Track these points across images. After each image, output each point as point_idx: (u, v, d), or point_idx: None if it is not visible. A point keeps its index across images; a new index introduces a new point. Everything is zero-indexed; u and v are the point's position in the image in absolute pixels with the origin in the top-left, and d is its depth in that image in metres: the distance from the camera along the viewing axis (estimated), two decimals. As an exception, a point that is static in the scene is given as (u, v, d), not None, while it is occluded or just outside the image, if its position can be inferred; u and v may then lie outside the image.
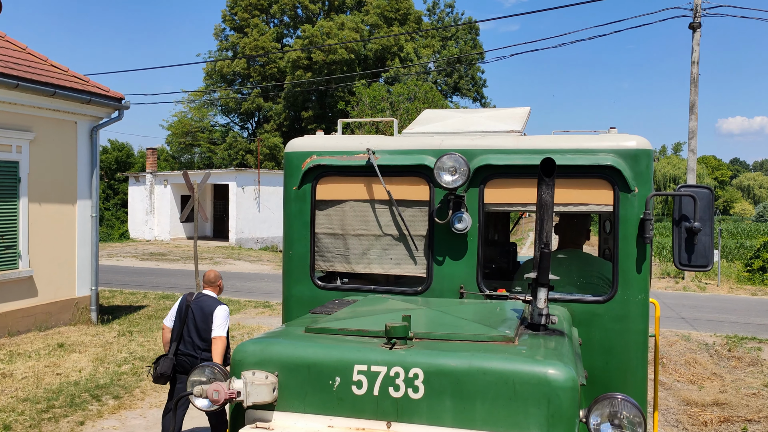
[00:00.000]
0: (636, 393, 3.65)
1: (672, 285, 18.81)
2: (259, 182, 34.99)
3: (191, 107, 56.37)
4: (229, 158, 52.89)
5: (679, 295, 17.27)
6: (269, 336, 2.97)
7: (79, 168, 12.07)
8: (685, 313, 14.20)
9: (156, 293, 16.45)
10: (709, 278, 19.69)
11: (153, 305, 14.86)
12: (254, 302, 15.13)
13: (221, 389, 2.53)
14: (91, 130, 12.28)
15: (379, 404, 2.56)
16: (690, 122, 19.07)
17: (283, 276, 4.38)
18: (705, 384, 9.48)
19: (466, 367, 2.51)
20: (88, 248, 12.28)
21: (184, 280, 19.32)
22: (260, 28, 53.38)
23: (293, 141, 4.32)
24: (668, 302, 15.77)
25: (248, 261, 26.78)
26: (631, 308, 3.69)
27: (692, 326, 12.86)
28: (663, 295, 17.03)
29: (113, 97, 12.33)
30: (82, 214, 12.14)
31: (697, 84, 18.94)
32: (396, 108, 39.27)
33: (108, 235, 37.75)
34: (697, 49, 18.94)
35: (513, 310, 3.43)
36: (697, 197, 3.69)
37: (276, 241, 36.42)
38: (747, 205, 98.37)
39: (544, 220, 2.88)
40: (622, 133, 3.83)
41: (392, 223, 4.05)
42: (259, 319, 13.14)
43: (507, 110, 4.79)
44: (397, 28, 52.67)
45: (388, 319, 2.88)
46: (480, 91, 56.90)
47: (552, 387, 2.42)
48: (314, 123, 51.90)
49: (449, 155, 3.66)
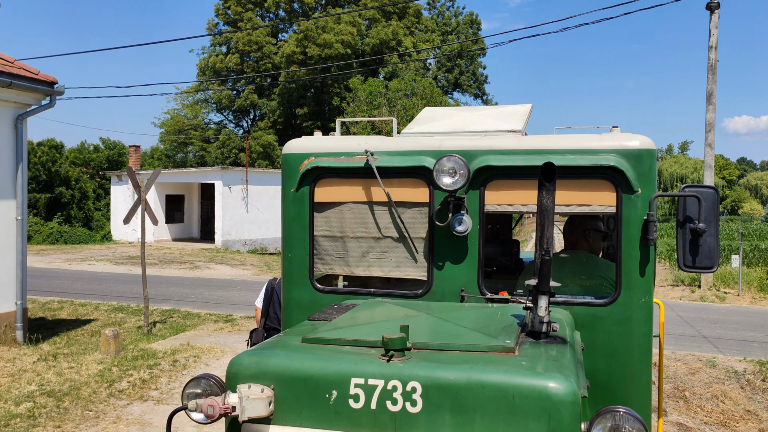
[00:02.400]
0: (640, 397, 3.60)
1: (687, 294, 16.96)
2: (246, 181, 33.26)
3: (184, 105, 54.84)
4: (222, 157, 51.31)
5: (697, 306, 15.43)
6: (265, 347, 2.92)
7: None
8: (706, 330, 12.39)
9: (111, 304, 14.73)
10: (729, 286, 17.84)
11: (103, 319, 13.15)
12: (216, 316, 13.39)
13: (216, 404, 2.52)
14: (16, 118, 10.56)
15: (376, 418, 2.52)
16: (707, 113, 17.24)
17: (282, 280, 4.30)
18: (738, 426, 7.71)
19: (465, 380, 2.47)
20: (11, 256, 10.54)
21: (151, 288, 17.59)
22: (254, 22, 51.69)
23: (291, 142, 4.22)
24: (685, 316, 13.95)
25: (230, 265, 25.07)
26: (635, 311, 3.63)
27: (716, 347, 11.06)
28: (679, 307, 15.20)
29: (43, 81, 10.61)
30: (4, 217, 10.40)
31: (715, 71, 17.12)
32: (393, 104, 37.85)
33: (90, 237, 36.11)
34: (715, 32, 17.11)
35: (513, 315, 3.34)
36: (701, 198, 3.61)
37: (266, 243, 34.69)
38: (756, 204, 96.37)
39: (545, 226, 2.83)
40: (625, 132, 3.76)
41: (392, 225, 4.01)
42: (215, 338, 11.40)
43: (508, 108, 4.66)
44: (396, 22, 50.89)
45: (387, 327, 2.92)
46: (481, 87, 55.07)
47: (552, 401, 2.37)
48: (310, 120, 50.21)
49: (449, 157, 3.61)
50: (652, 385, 3.80)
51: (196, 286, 18.28)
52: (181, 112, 54.72)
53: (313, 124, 49.69)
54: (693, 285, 18.44)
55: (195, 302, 15.18)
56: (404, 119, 35.38)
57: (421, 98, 39.45)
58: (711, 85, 17.19)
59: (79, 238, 35.90)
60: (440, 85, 53.81)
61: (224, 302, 15.33)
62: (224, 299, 15.80)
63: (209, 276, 21.45)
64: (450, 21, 54.96)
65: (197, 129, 53.62)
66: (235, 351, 10.34)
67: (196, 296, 16.15)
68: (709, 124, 17.17)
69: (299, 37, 48.08)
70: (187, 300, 15.53)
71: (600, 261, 4.44)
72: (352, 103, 38.83)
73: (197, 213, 37.21)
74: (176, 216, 35.98)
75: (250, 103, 52.12)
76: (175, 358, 9.88)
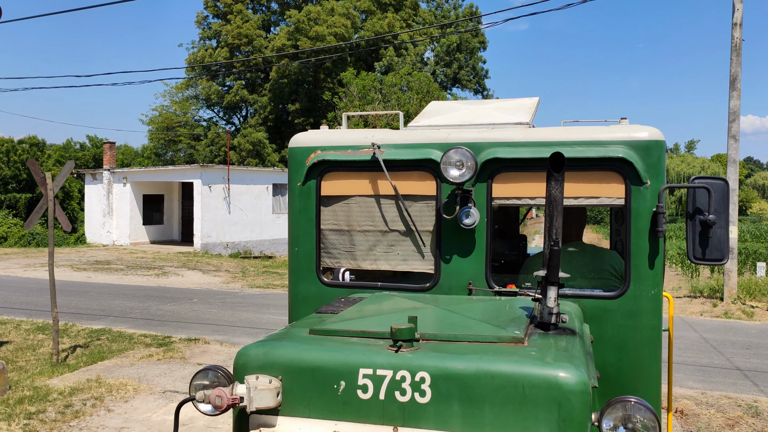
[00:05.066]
0: (649, 391, 3.56)
1: (709, 309, 14.72)
2: (228, 180, 31.14)
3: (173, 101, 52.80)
4: (212, 155, 49.24)
5: (722, 325, 13.20)
6: (273, 339, 2.89)
7: None
8: (739, 359, 10.20)
9: (37, 322, 12.61)
10: (755, 299, 15.61)
11: (18, 341, 11.05)
12: (151, 337, 11.26)
13: (224, 395, 2.50)
14: None
15: (385, 409, 2.51)
16: (731, 100, 15.03)
17: (288, 274, 4.22)
18: None
19: (474, 370, 2.45)
20: None
21: (93, 302, 15.49)
22: (244, 14, 49.59)
23: (297, 136, 4.23)
24: (711, 338, 11.75)
25: (203, 271, 22.96)
26: (644, 303, 3.59)
27: (756, 385, 8.87)
28: (701, 326, 12.99)
29: None
30: None
31: (739, 52, 14.90)
32: (387, 99, 35.88)
33: (63, 240, 34.03)
34: (740, 7, 14.91)
35: (522, 308, 3.31)
36: (711, 189, 3.57)
37: (250, 246, 32.57)
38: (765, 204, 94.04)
39: (554, 217, 2.80)
40: (633, 124, 3.72)
41: (399, 218, 3.99)
42: (137, 369, 9.27)
43: (515, 101, 4.62)
44: (392, 14, 48.70)
45: (395, 319, 2.89)
46: (481, 83, 52.84)
47: (563, 391, 2.36)
48: (302, 117, 48.09)
49: (456, 149, 3.58)
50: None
51: (149, 297, 16.16)
52: (170, 108, 52.73)
53: (306, 120, 47.60)
54: (714, 297, 16.20)
55: (135, 319, 13.04)
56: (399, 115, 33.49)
57: (417, 93, 37.60)
58: (735, 67, 14.98)
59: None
60: (439, 80, 51.58)
61: (171, 319, 13.20)
62: (172, 315, 13.66)
63: (172, 285, 19.33)
64: (449, 14, 52.72)
65: (185, 126, 51.53)
66: (152, 391, 8.23)
67: (141, 311, 14.03)
68: (733, 113, 14.96)
69: (291, 29, 45.98)
70: (127, 316, 13.40)
71: (605, 252, 4.37)
72: (345, 98, 36.91)
73: (178, 214, 35.10)
74: (155, 217, 33.89)
75: (239, 99, 50.02)
76: (69, 400, 7.77)
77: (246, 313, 13.91)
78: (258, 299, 16.31)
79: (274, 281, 20.41)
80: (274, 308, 14.67)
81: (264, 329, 12.08)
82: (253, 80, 51.63)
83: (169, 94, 52.79)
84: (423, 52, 50.18)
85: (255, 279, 21.02)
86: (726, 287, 15.36)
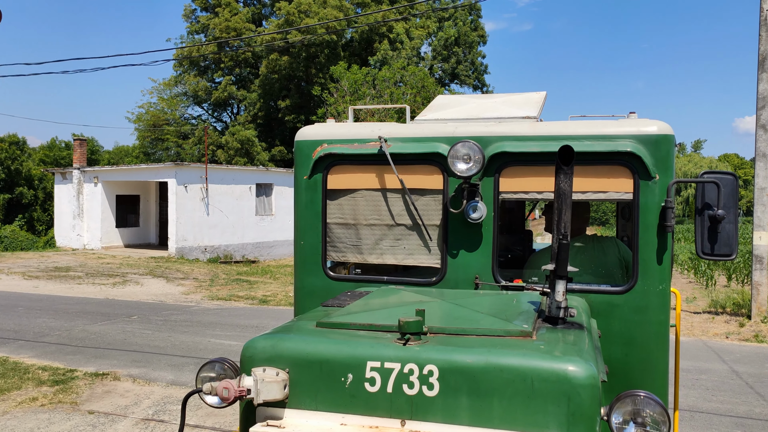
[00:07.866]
0: (657, 386, 3.53)
1: (735, 330, 12.42)
2: (206, 179, 28.99)
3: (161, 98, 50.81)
4: (199, 154, 47.17)
5: (754, 352, 10.94)
6: (280, 331, 2.86)
7: None
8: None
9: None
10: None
11: None
12: (50, 371, 9.12)
13: (231, 387, 2.47)
14: None
15: (393, 402, 2.49)
16: (759, 84, 12.80)
17: (294, 267, 4.17)
18: None
19: (483, 363, 2.43)
20: None
21: (20, 319, 13.35)
22: (233, 7, 47.53)
23: (303, 129, 4.20)
24: (743, 371, 9.52)
25: (168, 279, 20.85)
26: (652, 299, 3.57)
27: (816, 447, 6.66)
28: (729, 353, 10.75)
29: None
30: None
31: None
32: (380, 94, 33.81)
33: (32, 243, 31.98)
34: (772, -26, 12.69)
35: (530, 302, 3.28)
36: (720, 184, 3.55)
37: (231, 250, 30.44)
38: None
39: (563, 210, 2.79)
40: (642, 118, 3.69)
41: (405, 212, 3.98)
42: (10, 418, 7.12)
43: (522, 95, 4.60)
44: (387, 6, 46.52)
45: (402, 312, 2.88)
46: (481, 78, 50.60)
47: (572, 384, 2.33)
48: (293, 114, 45.97)
49: (463, 143, 3.59)
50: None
51: (83, 314, 14.01)
52: (157, 106, 50.74)
53: (297, 117, 45.49)
54: (739, 314, 13.93)
55: (48, 344, 10.90)
56: (393, 110, 31.52)
57: (412, 88, 35.53)
58: (765, 45, 12.76)
59: (21, 244, 31.81)
60: (436, 75, 49.39)
61: (90, 344, 11.03)
62: (95, 339, 11.49)
63: (123, 296, 17.19)
64: (447, 6, 50.48)
65: (172, 124, 49.50)
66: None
67: (61, 333, 11.87)
68: (763, 98, 12.73)
69: (280, 22, 43.86)
70: (40, 340, 11.25)
71: (613, 246, 4.27)
72: (335, 93, 34.86)
73: (155, 216, 32.97)
74: (130, 219, 31.77)
75: (228, 96, 47.95)
76: None
77: (184, 336, 11.74)
78: (209, 316, 14.15)
79: (240, 292, 18.27)
80: (220, 328, 12.50)
81: (195, 359, 9.92)
82: (242, 76, 49.59)
83: (156, 91, 50.86)
84: (419, 45, 47.99)
85: (220, 290, 18.87)
86: (754, 303, 13.12)
